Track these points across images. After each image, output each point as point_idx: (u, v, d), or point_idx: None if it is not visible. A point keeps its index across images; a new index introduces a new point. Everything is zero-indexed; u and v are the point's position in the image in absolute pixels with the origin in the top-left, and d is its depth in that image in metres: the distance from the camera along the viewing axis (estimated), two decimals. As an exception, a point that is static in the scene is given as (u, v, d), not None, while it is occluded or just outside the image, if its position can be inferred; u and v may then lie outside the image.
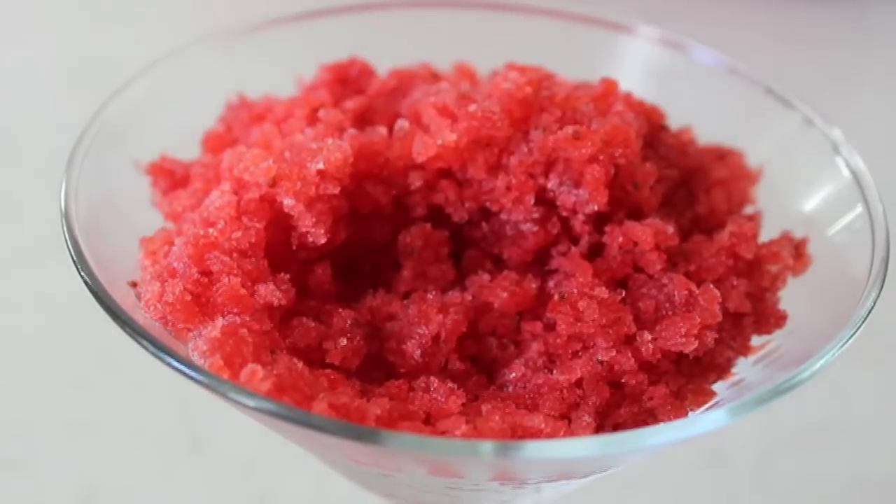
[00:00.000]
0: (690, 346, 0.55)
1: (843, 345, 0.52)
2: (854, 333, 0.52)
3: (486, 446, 0.47)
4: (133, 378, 0.97)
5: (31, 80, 1.41)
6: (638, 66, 0.77)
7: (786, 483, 0.92)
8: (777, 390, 0.50)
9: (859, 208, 0.62)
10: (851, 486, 0.92)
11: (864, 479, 0.92)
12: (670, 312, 0.56)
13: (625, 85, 0.67)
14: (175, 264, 0.54)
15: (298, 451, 0.65)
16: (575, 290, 0.56)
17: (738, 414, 0.49)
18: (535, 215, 0.59)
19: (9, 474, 0.89)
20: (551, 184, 0.59)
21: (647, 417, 0.56)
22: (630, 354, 0.55)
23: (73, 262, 0.53)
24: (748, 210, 0.67)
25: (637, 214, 0.61)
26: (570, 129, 0.59)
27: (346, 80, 0.69)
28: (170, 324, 0.53)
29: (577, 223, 0.59)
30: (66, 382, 0.97)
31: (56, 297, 1.04)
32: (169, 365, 0.48)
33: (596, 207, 0.58)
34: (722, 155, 0.68)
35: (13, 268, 1.10)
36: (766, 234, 0.65)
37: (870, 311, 0.54)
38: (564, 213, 0.59)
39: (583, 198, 0.58)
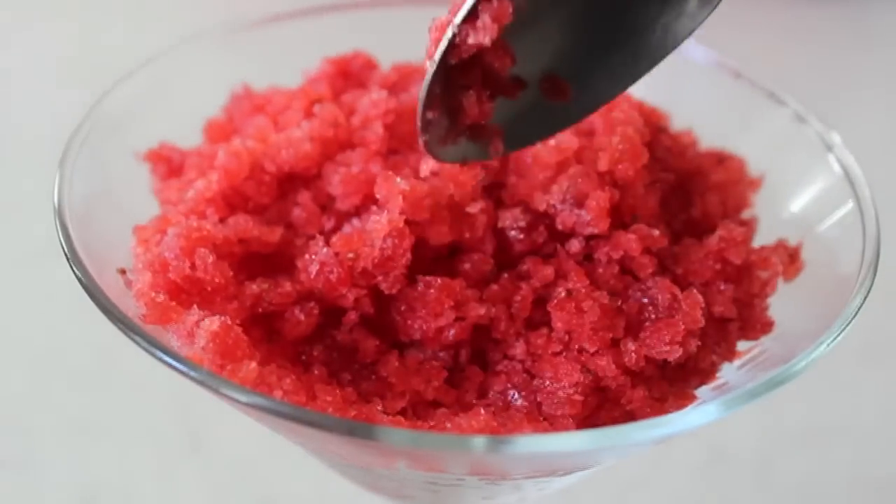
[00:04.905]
0: (674, 354, 0.55)
1: (830, 343, 0.51)
2: (842, 331, 0.52)
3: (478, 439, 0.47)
4: (133, 378, 0.97)
5: (30, 79, 1.41)
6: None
7: (786, 483, 0.92)
8: (755, 391, 0.50)
9: (850, 205, 0.62)
10: (852, 485, 0.91)
11: (864, 479, 0.92)
12: (653, 316, 0.56)
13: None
14: (166, 254, 0.54)
15: (298, 451, 0.65)
16: (583, 290, 0.56)
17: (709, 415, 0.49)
18: (522, 223, 0.59)
19: (9, 474, 0.90)
20: (553, 199, 0.58)
21: (626, 420, 0.56)
22: (615, 362, 0.55)
23: (66, 257, 0.53)
24: (745, 215, 0.67)
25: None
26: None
27: (348, 73, 0.69)
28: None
29: (573, 243, 0.58)
30: (66, 382, 0.98)
31: (56, 297, 1.03)
32: (162, 361, 0.48)
33: (596, 231, 0.58)
34: (721, 159, 0.67)
35: (13, 268, 1.10)
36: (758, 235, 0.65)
37: (859, 308, 0.53)
38: (560, 227, 0.59)
39: (584, 220, 0.57)
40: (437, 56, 0.53)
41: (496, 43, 0.52)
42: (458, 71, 0.54)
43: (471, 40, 0.51)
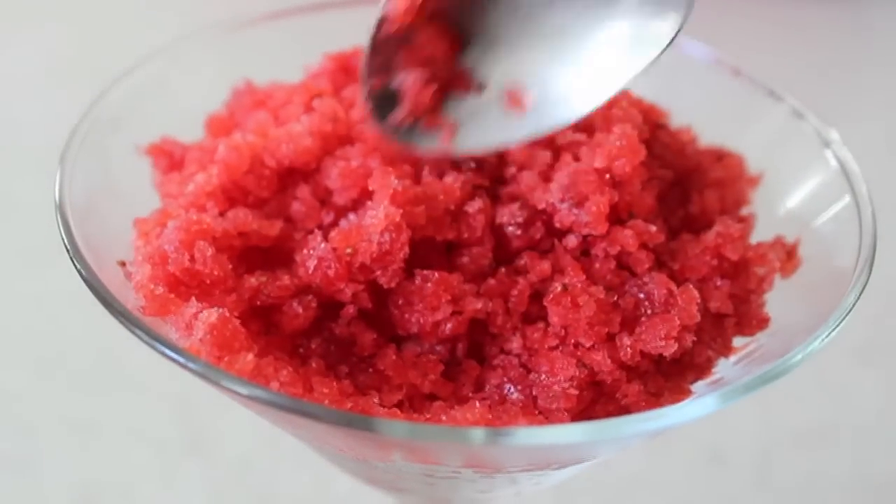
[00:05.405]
0: (670, 349, 0.55)
1: (825, 338, 0.51)
2: (837, 325, 0.52)
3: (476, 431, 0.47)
4: (133, 378, 0.97)
5: (31, 77, 1.42)
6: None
7: (786, 483, 0.92)
8: (751, 384, 0.50)
9: (847, 200, 0.62)
10: (852, 485, 0.91)
11: (864, 479, 0.92)
12: (649, 311, 0.56)
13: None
14: (166, 247, 0.55)
15: (298, 451, 0.65)
16: (579, 284, 0.56)
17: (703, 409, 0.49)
18: (520, 219, 0.59)
19: (9, 474, 0.90)
20: (552, 197, 0.58)
21: (621, 414, 0.56)
22: (610, 356, 0.55)
23: (67, 251, 0.54)
24: (743, 211, 0.67)
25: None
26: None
27: (349, 69, 0.70)
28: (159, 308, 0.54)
29: (570, 238, 0.59)
30: (67, 382, 0.98)
31: (56, 297, 1.04)
32: (161, 352, 0.49)
33: (594, 233, 0.58)
34: (720, 156, 0.68)
35: (13, 268, 1.10)
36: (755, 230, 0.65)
37: (855, 303, 0.53)
38: (558, 225, 0.59)
39: (582, 220, 0.57)
40: (373, 28, 0.56)
41: (429, 25, 0.53)
42: (396, 47, 0.57)
43: (389, 9, 0.55)
